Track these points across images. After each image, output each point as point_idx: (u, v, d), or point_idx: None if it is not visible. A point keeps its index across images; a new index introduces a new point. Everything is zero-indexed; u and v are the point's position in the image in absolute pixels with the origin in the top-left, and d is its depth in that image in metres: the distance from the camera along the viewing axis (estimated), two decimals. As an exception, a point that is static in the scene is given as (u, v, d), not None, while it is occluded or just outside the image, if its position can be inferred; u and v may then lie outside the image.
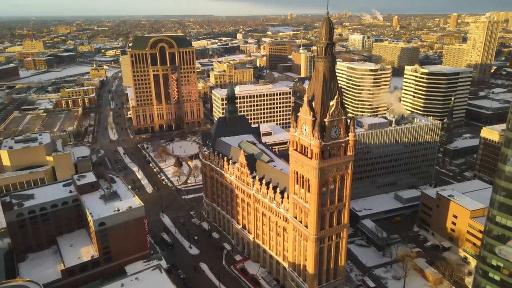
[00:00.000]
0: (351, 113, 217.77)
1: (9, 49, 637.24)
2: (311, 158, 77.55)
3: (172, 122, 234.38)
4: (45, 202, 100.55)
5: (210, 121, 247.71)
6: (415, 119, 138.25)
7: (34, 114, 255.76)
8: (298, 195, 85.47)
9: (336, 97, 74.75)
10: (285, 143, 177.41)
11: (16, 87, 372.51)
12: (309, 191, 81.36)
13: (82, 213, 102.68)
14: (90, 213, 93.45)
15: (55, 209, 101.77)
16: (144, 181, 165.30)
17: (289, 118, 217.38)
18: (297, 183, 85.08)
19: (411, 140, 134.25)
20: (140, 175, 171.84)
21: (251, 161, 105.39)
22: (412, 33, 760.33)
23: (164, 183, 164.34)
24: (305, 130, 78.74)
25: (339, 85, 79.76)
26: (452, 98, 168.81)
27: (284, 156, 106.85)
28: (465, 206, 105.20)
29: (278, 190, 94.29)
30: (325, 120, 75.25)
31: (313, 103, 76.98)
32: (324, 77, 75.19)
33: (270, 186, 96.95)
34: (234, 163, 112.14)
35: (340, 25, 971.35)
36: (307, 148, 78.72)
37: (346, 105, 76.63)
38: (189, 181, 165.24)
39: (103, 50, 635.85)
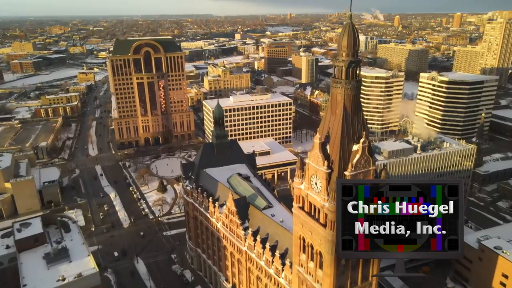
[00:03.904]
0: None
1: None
2: (324, 226, 53.73)
3: (159, 135, 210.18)
4: (-30, 265, 76.80)
5: (202, 132, 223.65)
6: (445, 142, 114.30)
7: (8, 125, 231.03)
8: (305, 268, 61.52)
9: (362, 140, 50.82)
10: (286, 164, 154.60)
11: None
12: (321, 267, 57.58)
13: (22, 275, 78.63)
14: (24, 285, 69.44)
15: (-16, 272, 77.94)
16: (121, 211, 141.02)
17: (290, 133, 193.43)
18: (304, 252, 61.26)
19: (440, 169, 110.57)
20: (117, 202, 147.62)
21: (243, 207, 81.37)
22: (416, 33, 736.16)
23: (144, 213, 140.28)
24: (315, 184, 54.78)
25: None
26: (483, 114, 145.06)
27: (286, 199, 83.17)
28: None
29: (277, 253, 70.28)
30: (346, 173, 51.32)
31: (327, 147, 53.06)
32: (345, 110, 51.14)
33: (267, 245, 73.00)
34: (221, 205, 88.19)
35: (340, 25, 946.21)
36: (319, 210, 54.90)
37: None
38: (173, 211, 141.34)
39: (95, 52, 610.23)
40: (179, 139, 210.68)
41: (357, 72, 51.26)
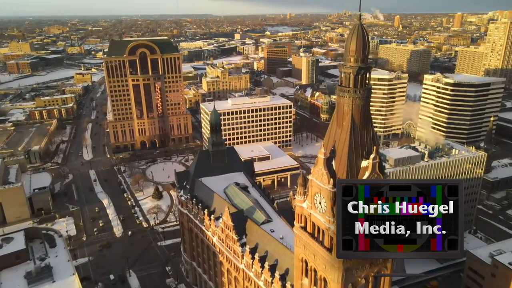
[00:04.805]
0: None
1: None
2: (329, 251, 48.05)
3: (156, 138, 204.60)
4: None
5: (200, 135, 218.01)
6: (453, 149, 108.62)
7: (0, 128, 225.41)
8: (307, 293, 55.94)
9: (372, 155, 45.21)
10: (286, 170, 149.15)
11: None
12: (325, 294, 51.98)
13: (3, 294, 73.19)
14: (2, 309, 64.12)
15: (-39, 293, 72.35)
16: (114, 219, 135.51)
17: (290, 136, 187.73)
18: (307, 276, 55.61)
19: (449, 178, 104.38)
20: (110, 210, 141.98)
21: (240, 221, 75.80)
22: (416, 33, 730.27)
23: (138, 222, 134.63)
24: (319, 203, 49.12)
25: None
26: (492, 118, 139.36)
27: (287, 212, 77.54)
28: (538, 284, 75.79)
29: (277, 274, 64.68)
30: (354, 192, 45.58)
31: (333, 163, 47.44)
32: (353, 122, 45.54)
33: (266, 264, 67.36)
34: (217, 218, 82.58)
35: (340, 25, 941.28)
36: (323, 232, 49.23)
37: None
38: (168, 219, 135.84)
39: (93, 52, 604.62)
40: (176, 143, 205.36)
41: (367, 79, 45.66)
